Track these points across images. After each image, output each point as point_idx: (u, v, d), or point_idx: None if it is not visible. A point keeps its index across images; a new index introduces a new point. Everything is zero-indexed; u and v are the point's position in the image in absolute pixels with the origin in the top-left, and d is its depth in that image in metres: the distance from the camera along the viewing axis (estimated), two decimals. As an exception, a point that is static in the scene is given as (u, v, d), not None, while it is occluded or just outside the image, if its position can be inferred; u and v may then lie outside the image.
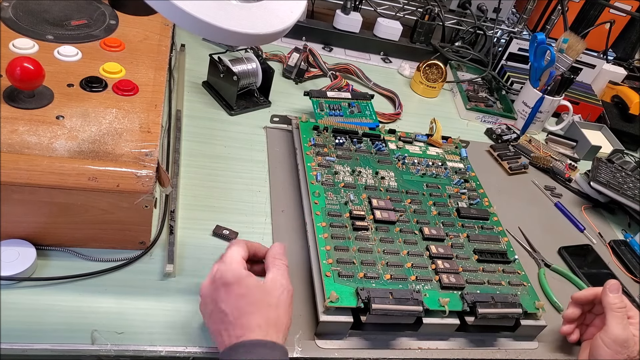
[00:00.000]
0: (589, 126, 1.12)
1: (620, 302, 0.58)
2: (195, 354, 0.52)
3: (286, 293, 0.49)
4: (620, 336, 0.56)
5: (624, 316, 0.58)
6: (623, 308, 0.58)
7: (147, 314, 0.53)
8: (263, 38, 0.45)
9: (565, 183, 0.95)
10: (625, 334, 0.56)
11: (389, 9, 1.20)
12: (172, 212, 0.63)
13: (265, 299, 0.47)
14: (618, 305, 0.58)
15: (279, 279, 0.50)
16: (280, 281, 0.49)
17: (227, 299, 0.47)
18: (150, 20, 0.73)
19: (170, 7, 0.39)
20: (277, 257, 0.52)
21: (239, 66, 0.84)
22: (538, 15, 1.37)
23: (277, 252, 0.53)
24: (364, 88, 1.04)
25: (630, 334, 0.57)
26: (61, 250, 0.56)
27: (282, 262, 0.52)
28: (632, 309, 0.59)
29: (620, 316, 0.57)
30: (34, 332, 0.49)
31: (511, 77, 1.15)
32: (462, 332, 0.61)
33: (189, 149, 0.75)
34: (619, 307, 0.58)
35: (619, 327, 0.57)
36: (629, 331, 0.57)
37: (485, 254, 0.66)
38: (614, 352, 0.56)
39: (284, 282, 0.50)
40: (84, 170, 0.50)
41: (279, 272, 0.50)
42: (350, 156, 0.75)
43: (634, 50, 1.43)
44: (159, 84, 0.64)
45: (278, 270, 0.51)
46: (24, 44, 0.61)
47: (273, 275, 0.50)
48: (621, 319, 0.57)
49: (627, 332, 0.57)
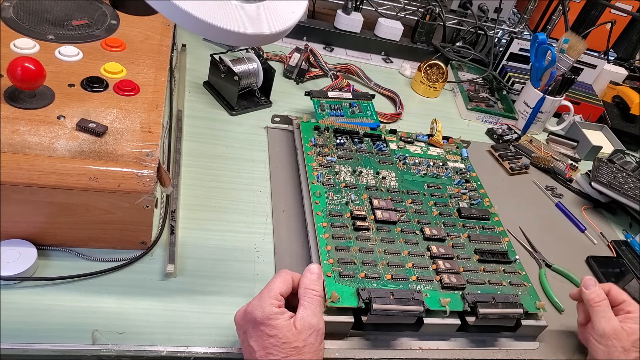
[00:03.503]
0: (590, 126, 1.12)
1: (597, 296, 0.59)
2: (196, 354, 0.52)
3: (314, 335, 0.48)
4: (605, 329, 0.56)
5: (606, 309, 0.58)
6: (602, 301, 0.58)
7: (148, 314, 0.53)
8: (264, 38, 0.45)
9: (566, 183, 0.95)
10: (610, 325, 0.57)
11: (390, 9, 1.20)
12: (173, 212, 0.63)
13: (292, 342, 0.46)
14: (596, 300, 0.58)
15: (308, 319, 0.48)
16: (310, 321, 0.48)
17: (255, 336, 0.47)
18: (151, 20, 0.73)
19: (171, 7, 0.39)
20: (309, 288, 0.50)
21: (240, 66, 0.84)
22: (539, 15, 1.37)
23: (310, 280, 0.51)
24: (365, 88, 1.04)
25: (618, 326, 0.57)
26: (62, 250, 0.56)
27: (315, 294, 0.50)
28: (631, 304, 0.59)
29: (601, 310, 0.58)
30: (34, 332, 0.49)
31: (512, 77, 1.15)
32: (463, 332, 0.61)
33: (190, 149, 0.75)
34: (597, 301, 0.58)
35: (602, 320, 0.57)
36: (613, 323, 0.57)
37: (486, 254, 0.66)
38: (605, 346, 0.56)
39: (313, 323, 0.48)
40: (85, 171, 0.50)
41: (309, 308, 0.49)
42: (351, 156, 0.75)
43: (635, 51, 1.43)
44: (160, 84, 0.64)
45: (309, 305, 0.49)
46: (25, 44, 0.61)
47: (303, 313, 0.48)
48: (603, 312, 0.58)
49: (612, 324, 0.57)
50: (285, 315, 0.48)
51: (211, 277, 0.59)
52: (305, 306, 0.49)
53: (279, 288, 0.49)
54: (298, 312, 0.49)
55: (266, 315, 0.47)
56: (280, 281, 0.50)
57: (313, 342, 0.48)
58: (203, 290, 0.57)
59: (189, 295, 0.56)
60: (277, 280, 0.50)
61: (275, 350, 0.46)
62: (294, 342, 0.46)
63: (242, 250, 0.63)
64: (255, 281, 0.60)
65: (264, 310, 0.47)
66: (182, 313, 0.54)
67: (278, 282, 0.50)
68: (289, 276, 0.51)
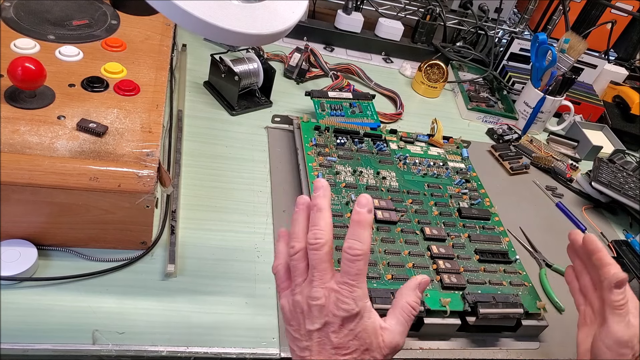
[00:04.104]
0: (590, 126, 1.11)
1: (623, 298, 0.49)
2: (197, 354, 0.52)
3: (391, 355, 0.42)
4: (623, 337, 0.48)
5: (627, 313, 0.49)
6: (626, 304, 0.49)
7: (149, 314, 0.53)
8: (264, 38, 0.45)
9: (567, 183, 0.95)
10: (629, 333, 0.48)
11: (390, 9, 1.20)
12: (173, 212, 0.63)
13: (373, 350, 0.41)
14: (621, 303, 0.48)
15: (397, 338, 0.42)
16: (399, 342, 0.42)
17: (343, 333, 0.41)
18: (151, 20, 0.73)
19: (171, 7, 0.39)
20: (412, 305, 0.44)
21: (241, 66, 0.84)
22: (539, 15, 1.37)
23: (417, 296, 0.45)
24: (365, 88, 1.04)
25: (635, 331, 0.48)
26: (62, 250, 0.56)
27: (414, 313, 0.44)
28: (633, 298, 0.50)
29: (623, 314, 0.48)
30: (35, 332, 0.49)
31: (512, 77, 1.15)
32: (463, 332, 0.61)
33: (190, 149, 0.75)
34: (622, 304, 0.48)
35: (620, 326, 0.48)
36: (633, 329, 0.48)
37: (487, 254, 0.66)
38: (617, 354, 0.48)
39: (400, 344, 0.42)
40: (85, 170, 0.50)
41: (404, 326, 0.43)
42: (351, 156, 0.75)
43: (635, 51, 1.43)
44: (160, 84, 0.64)
45: (405, 324, 0.43)
46: (26, 44, 0.61)
47: (398, 328, 0.43)
48: (624, 317, 0.48)
49: (632, 331, 0.48)
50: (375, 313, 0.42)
51: (211, 277, 0.59)
52: (402, 322, 0.43)
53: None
54: (389, 322, 0.43)
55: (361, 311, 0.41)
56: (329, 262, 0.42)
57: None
58: (203, 290, 0.57)
59: (190, 295, 0.56)
60: (327, 263, 0.42)
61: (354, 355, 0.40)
62: (374, 351, 0.41)
63: (242, 250, 0.63)
64: (255, 281, 0.60)
65: (357, 303, 0.41)
66: (182, 313, 0.54)
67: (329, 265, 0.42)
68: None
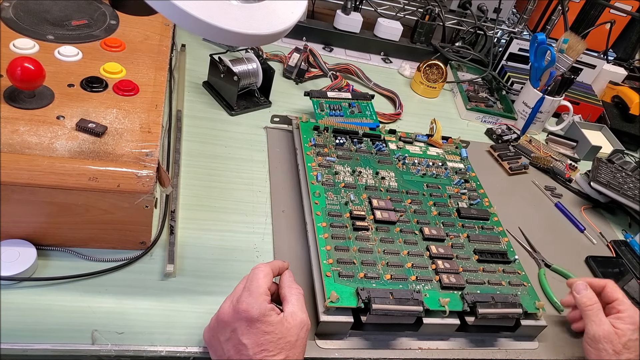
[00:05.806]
0: (589, 126, 1.12)
1: (588, 300, 0.60)
2: (196, 354, 0.52)
3: (305, 330, 0.49)
4: (597, 333, 0.57)
5: (597, 312, 0.59)
6: (594, 304, 0.59)
7: (148, 314, 0.53)
8: (264, 38, 0.45)
9: (566, 183, 0.95)
10: (601, 329, 0.57)
11: (389, 9, 1.20)
12: (172, 212, 0.63)
13: (286, 337, 0.47)
14: (588, 304, 0.59)
15: (299, 314, 0.49)
16: (301, 317, 0.49)
17: (249, 333, 0.47)
18: (150, 21, 0.73)
19: (170, 7, 0.39)
20: (293, 286, 0.52)
21: (240, 66, 0.84)
22: (538, 15, 1.37)
23: (292, 279, 0.53)
24: (365, 88, 1.04)
25: (610, 329, 0.57)
26: (62, 250, 0.56)
27: (300, 291, 0.52)
28: (623, 302, 0.60)
29: (592, 314, 0.58)
30: (34, 332, 0.49)
31: (511, 78, 1.15)
32: (462, 332, 0.61)
33: (190, 149, 0.75)
34: (589, 305, 0.59)
35: (593, 324, 0.58)
36: (605, 326, 0.57)
37: (486, 254, 0.66)
38: (597, 350, 0.57)
39: (304, 318, 0.49)
40: (84, 171, 0.50)
41: (297, 305, 0.50)
42: (350, 156, 0.75)
43: (634, 51, 1.43)
44: (159, 84, 0.64)
45: (297, 302, 0.50)
46: (25, 44, 0.61)
47: (292, 308, 0.50)
48: (594, 316, 0.58)
49: (604, 328, 0.57)
50: (277, 310, 0.49)
51: (211, 277, 0.59)
52: (294, 303, 0.50)
53: (265, 283, 0.50)
54: (287, 308, 0.50)
55: (262, 312, 0.47)
56: (266, 275, 0.50)
57: (303, 337, 0.49)
58: (202, 290, 0.57)
59: (189, 295, 0.56)
60: (262, 275, 0.50)
61: (271, 346, 0.46)
62: (288, 336, 0.47)
63: (241, 250, 0.63)
64: (254, 281, 0.60)
65: (260, 307, 0.47)
66: (181, 313, 0.54)
67: (262, 278, 0.50)
68: (269, 269, 0.52)
